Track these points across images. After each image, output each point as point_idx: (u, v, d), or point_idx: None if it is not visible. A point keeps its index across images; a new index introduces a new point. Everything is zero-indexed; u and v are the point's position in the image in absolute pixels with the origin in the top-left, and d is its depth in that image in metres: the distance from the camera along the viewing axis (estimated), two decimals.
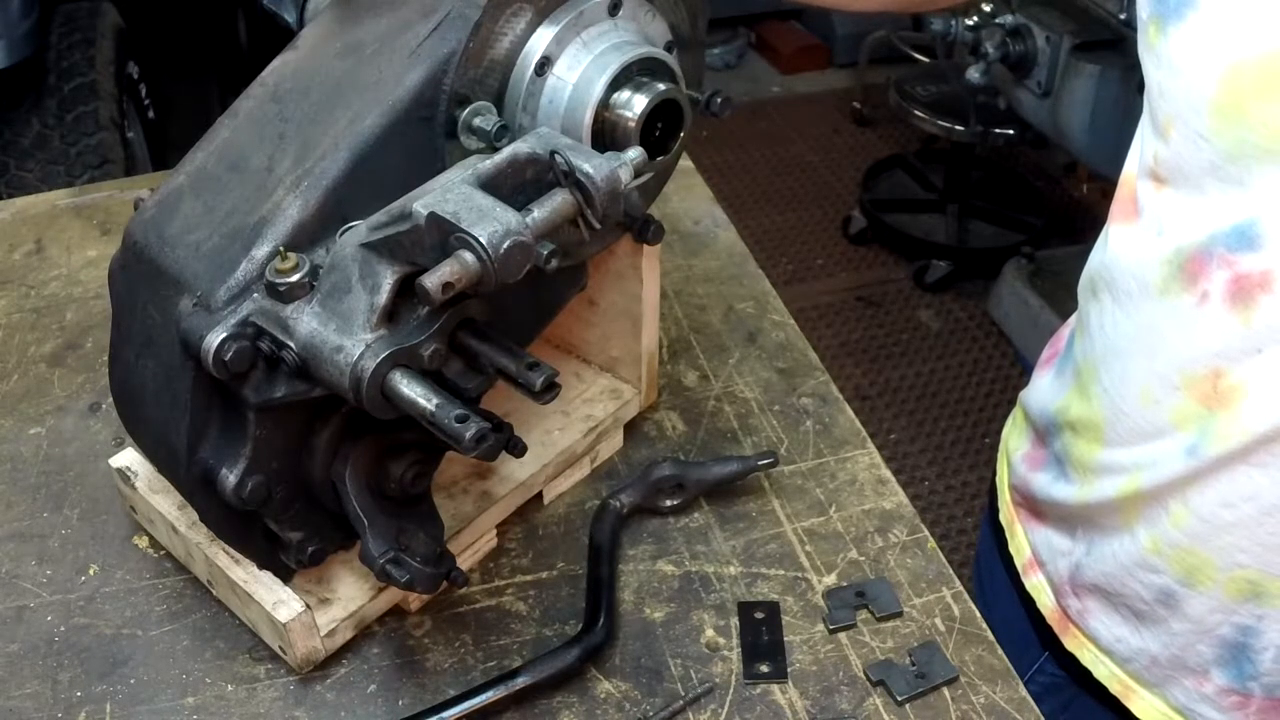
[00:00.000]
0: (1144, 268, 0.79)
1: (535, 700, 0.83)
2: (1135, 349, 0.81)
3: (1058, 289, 2.91)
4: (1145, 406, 0.81)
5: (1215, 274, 0.73)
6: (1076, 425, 0.90)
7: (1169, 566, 0.82)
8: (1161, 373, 0.79)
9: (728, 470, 0.97)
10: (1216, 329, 0.74)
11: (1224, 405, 0.75)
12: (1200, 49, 0.71)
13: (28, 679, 0.85)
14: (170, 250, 0.76)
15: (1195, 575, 0.81)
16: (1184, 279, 0.76)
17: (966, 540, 2.50)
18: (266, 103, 0.81)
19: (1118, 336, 0.83)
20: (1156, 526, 0.82)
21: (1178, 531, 0.81)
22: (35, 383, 1.11)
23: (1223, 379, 0.74)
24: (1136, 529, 0.84)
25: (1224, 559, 0.79)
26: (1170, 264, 0.76)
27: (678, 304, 1.20)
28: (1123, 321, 0.83)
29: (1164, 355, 0.78)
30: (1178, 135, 0.74)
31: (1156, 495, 0.81)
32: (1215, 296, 0.74)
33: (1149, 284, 0.79)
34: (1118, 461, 0.85)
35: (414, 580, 0.78)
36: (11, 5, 2.26)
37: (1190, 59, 0.72)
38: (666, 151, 0.85)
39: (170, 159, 2.84)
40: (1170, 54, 0.74)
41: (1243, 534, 0.77)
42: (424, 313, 0.70)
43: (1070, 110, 2.48)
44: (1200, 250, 0.74)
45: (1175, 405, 0.78)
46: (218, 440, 0.76)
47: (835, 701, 0.83)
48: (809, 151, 3.85)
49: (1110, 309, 0.84)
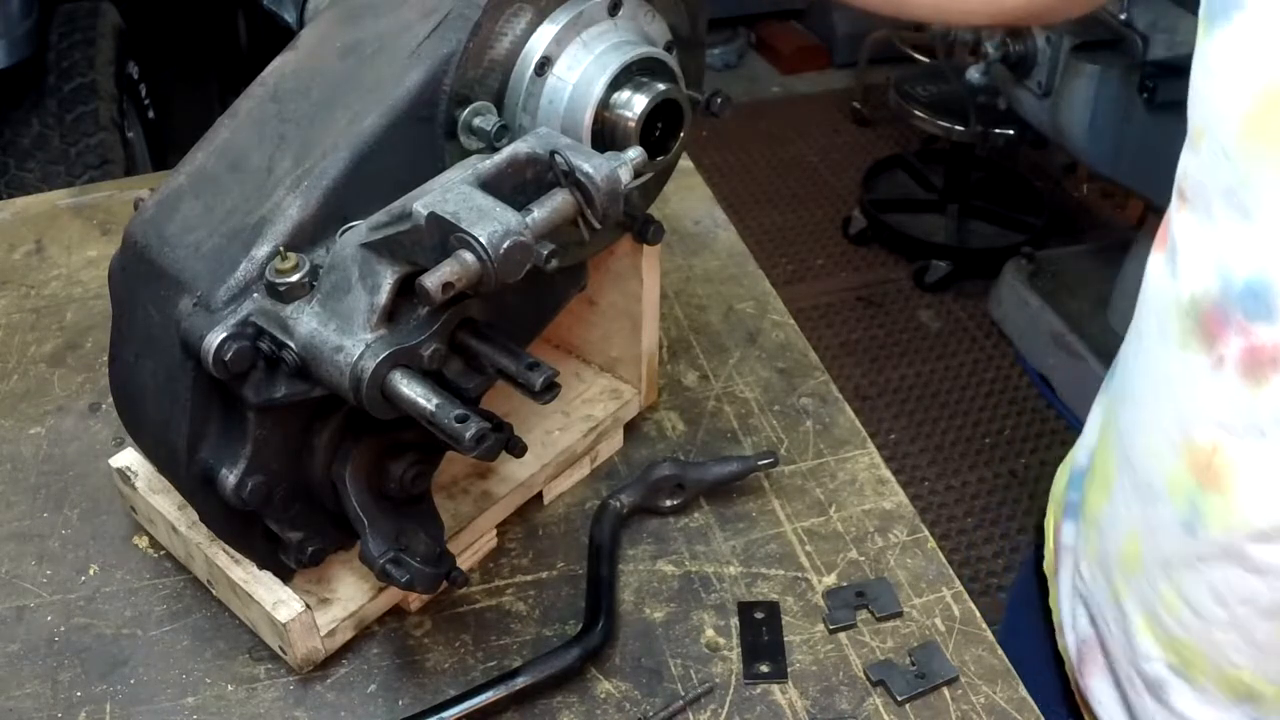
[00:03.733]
0: (1166, 313, 0.75)
1: (535, 700, 0.83)
2: (1149, 397, 0.77)
3: (1058, 289, 2.91)
4: (1149, 461, 0.76)
5: (1232, 340, 0.69)
6: (1097, 469, 0.85)
7: (1161, 653, 0.79)
8: (1167, 429, 0.74)
9: (728, 470, 0.97)
10: (1225, 398, 0.70)
11: (1215, 485, 0.71)
12: (1242, 56, 0.66)
13: (28, 679, 0.85)
14: (170, 250, 0.76)
15: (1189, 667, 0.77)
16: (1202, 337, 0.71)
17: (966, 540, 2.50)
18: (266, 103, 0.81)
19: (1138, 378, 0.79)
20: (1149, 607, 0.78)
21: (1170, 618, 0.76)
22: (35, 383, 1.11)
23: (1219, 454, 0.70)
24: (1126, 604, 0.80)
25: (1217, 655, 0.75)
26: (1189, 317, 0.72)
27: (678, 304, 1.20)
28: (1144, 363, 0.79)
29: (1173, 411, 0.74)
30: (1206, 148, 0.70)
31: (1151, 570, 0.77)
32: (1230, 363, 0.69)
33: (1169, 333, 0.74)
34: (1119, 516, 0.80)
35: (414, 580, 0.78)
36: (11, 5, 2.26)
37: (1230, 65, 0.67)
38: (666, 151, 0.85)
39: (170, 159, 2.84)
40: (1211, 57, 0.69)
41: (1237, 634, 0.73)
42: (424, 313, 0.70)
43: (1070, 110, 2.48)
44: (1217, 309, 0.70)
45: (1172, 469, 0.74)
46: (218, 440, 0.76)
47: (835, 701, 0.83)
48: (809, 151, 3.85)
49: (1135, 345, 0.80)
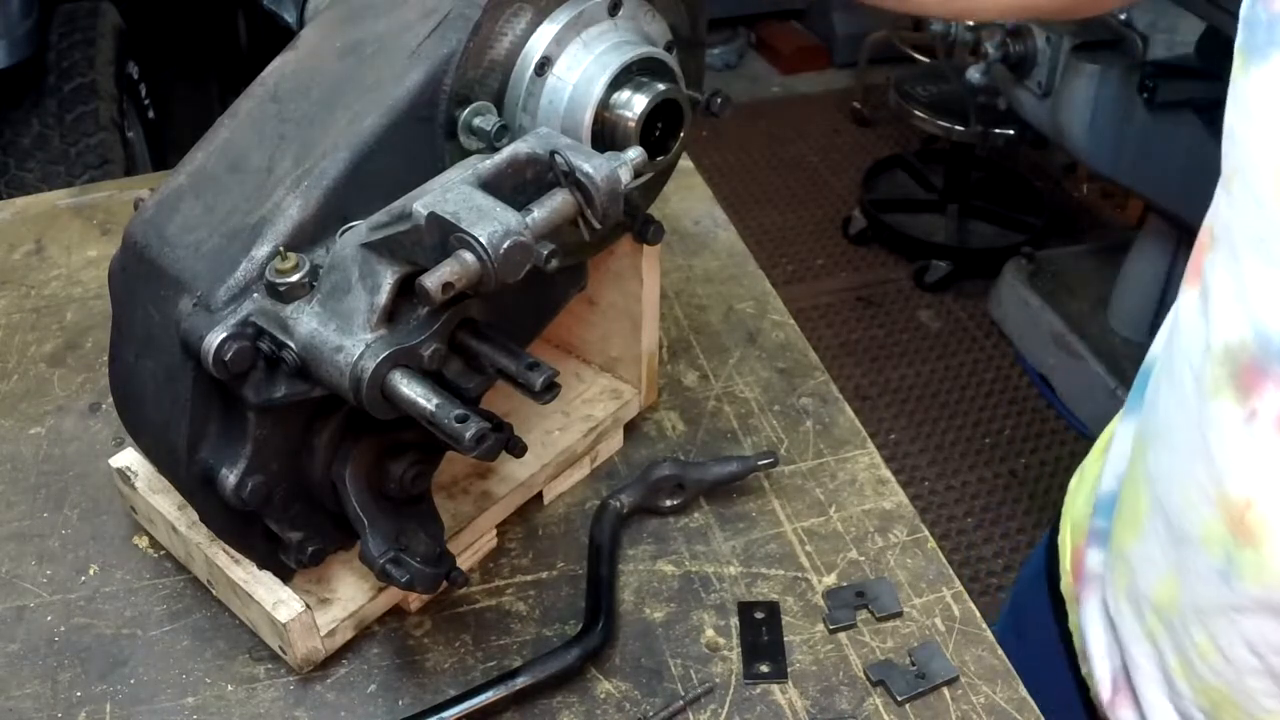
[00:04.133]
0: (1199, 358, 0.72)
1: (535, 700, 0.83)
2: (1181, 443, 0.74)
3: (1058, 289, 2.92)
4: (1183, 509, 0.74)
5: (1269, 394, 0.66)
6: (1124, 505, 0.83)
7: (1193, 695, 0.77)
8: (1200, 480, 0.72)
9: (728, 470, 0.97)
10: (1260, 454, 0.67)
11: (1249, 540, 0.68)
12: (1278, 98, 0.63)
13: (28, 679, 0.85)
14: (170, 250, 0.76)
15: (1219, 710, 0.76)
16: (1236, 389, 0.68)
17: (966, 540, 2.50)
18: (266, 103, 0.81)
19: (1170, 421, 0.76)
20: (1182, 650, 0.76)
21: (1202, 663, 0.75)
22: (35, 383, 1.11)
23: (1252, 510, 0.68)
24: (1161, 644, 0.78)
25: (1249, 702, 0.74)
26: (1222, 366, 0.69)
27: (678, 304, 1.20)
28: (1175, 406, 0.75)
29: (1205, 461, 0.71)
30: (1239, 191, 0.66)
31: (1185, 615, 0.75)
32: (1265, 418, 0.66)
33: (1202, 380, 0.71)
34: (1152, 558, 0.78)
35: (414, 580, 0.78)
36: (11, 5, 2.26)
37: (1267, 107, 0.63)
38: (666, 151, 0.85)
39: (170, 159, 2.84)
40: (1249, 95, 0.65)
41: (1271, 682, 0.72)
42: (424, 313, 0.70)
43: (1070, 110, 2.48)
44: (1255, 363, 0.67)
45: (1207, 520, 0.71)
46: (218, 440, 0.76)
47: (835, 701, 0.83)
48: (809, 151, 3.85)
49: (1166, 387, 0.77)
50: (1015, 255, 3.02)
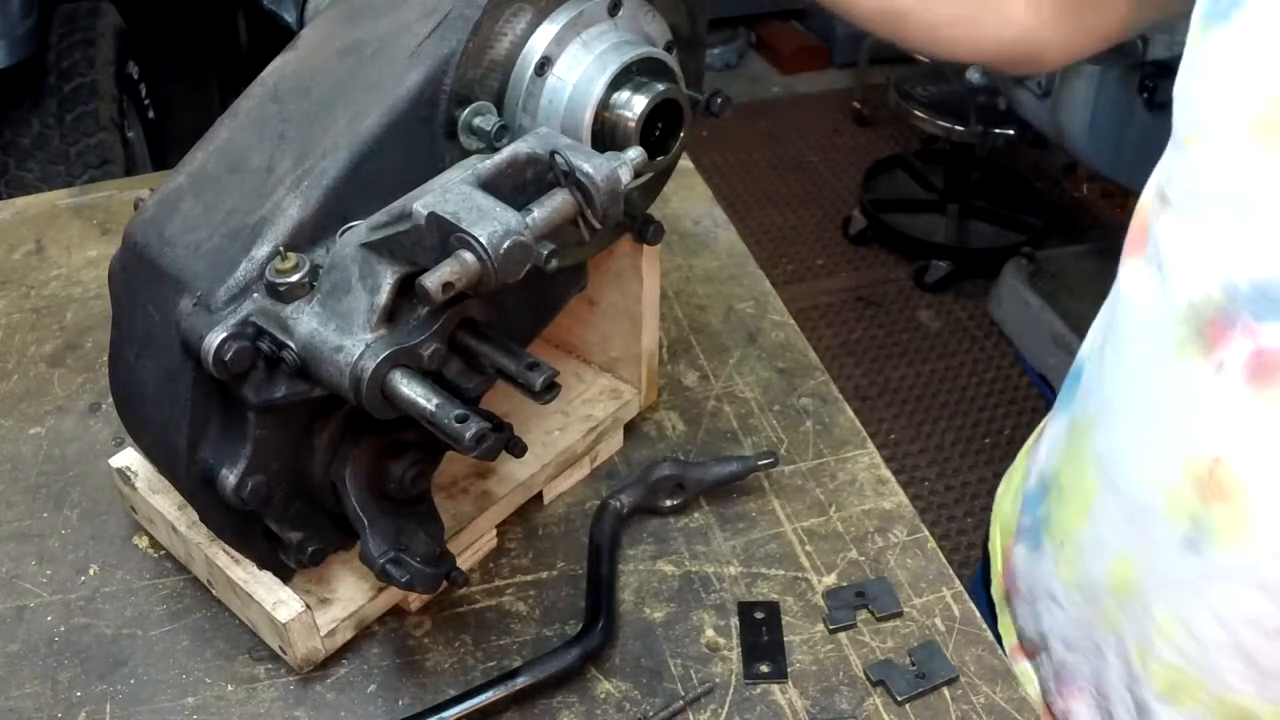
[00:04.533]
0: (1157, 324, 0.71)
1: (535, 700, 0.83)
2: (1136, 414, 0.73)
3: (1058, 289, 2.91)
4: (1140, 482, 0.73)
5: (1236, 343, 0.65)
6: (1065, 490, 0.82)
7: (1149, 678, 0.75)
8: (1162, 446, 0.71)
9: (728, 470, 0.97)
10: (1227, 407, 0.66)
11: (1220, 496, 0.67)
12: (1245, 59, 0.64)
13: (28, 679, 0.85)
14: (170, 250, 0.76)
15: (1177, 694, 0.74)
16: (1201, 345, 0.68)
17: (967, 540, 2.50)
18: (266, 103, 0.81)
19: (1118, 395, 0.75)
20: (1143, 633, 0.75)
21: (1164, 643, 0.73)
22: (35, 383, 1.11)
23: (1221, 467, 0.67)
24: (1120, 628, 0.77)
25: (1215, 682, 0.72)
26: (1187, 325, 0.68)
27: (678, 304, 1.20)
28: (1126, 380, 0.75)
29: (1168, 426, 0.70)
30: (1198, 151, 0.67)
31: (1146, 594, 0.74)
32: (1232, 369, 0.66)
33: (1162, 344, 0.70)
34: (1104, 539, 0.77)
35: (414, 580, 0.78)
36: (11, 5, 2.26)
37: (1232, 69, 0.64)
38: (666, 151, 0.85)
39: (170, 159, 2.84)
40: (1208, 59, 0.66)
41: (1238, 658, 0.70)
42: (424, 313, 0.70)
43: (1070, 110, 2.48)
44: (1221, 314, 0.66)
45: (1170, 487, 0.70)
46: (218, 440, 0.76)
47: (835, 701, 0.83)
48: (809, 151, 3.85)
49: (1113, 361, 0.76)
50: (1015, 255, 3.01)
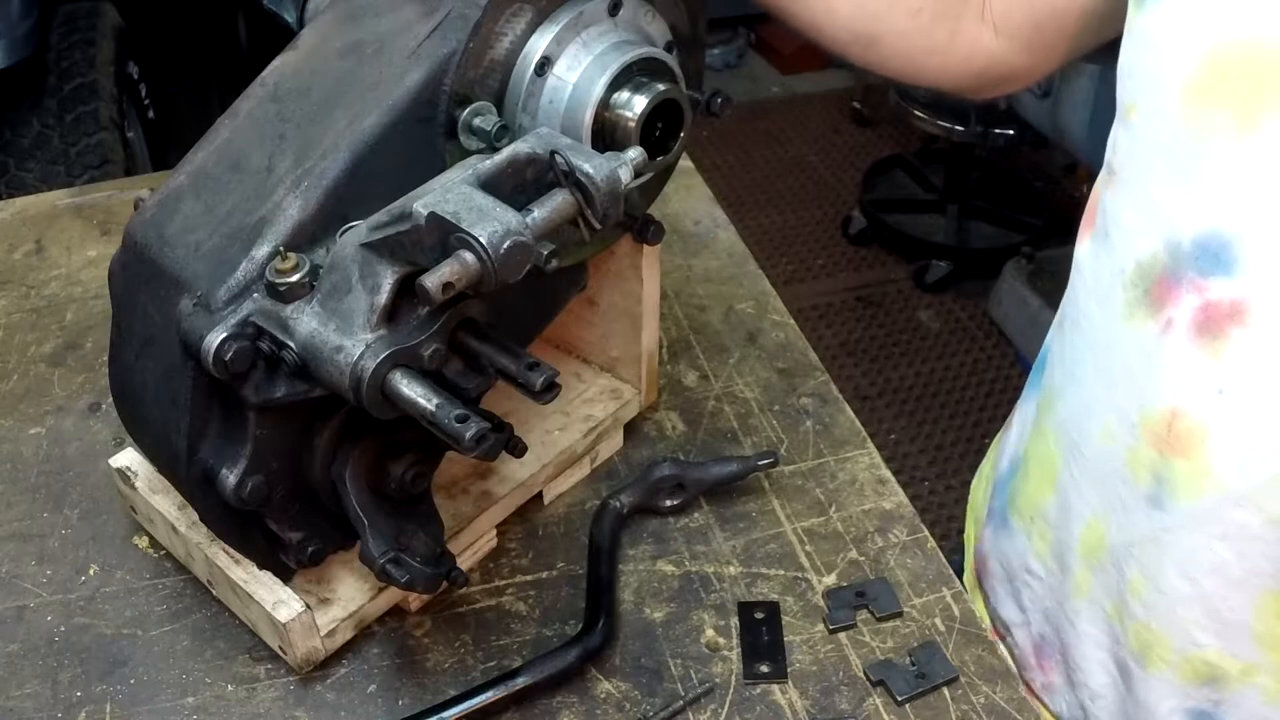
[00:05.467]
0: (1105, 291, 0.73)
1: (535, 700, 0.83)
2: (1094, 379, 0.75)
3: (1058, 289, 2.88)
4: (1102, 443, 0.74)
5: (1184, 299, 0.67)
6: (1031, 465, 0.84)
7: (1126, 637, 0.77)
8: (1119, 406, 0.72)
9: (728, 470, 0.97)
10: (1178, 362, 0.68)
11: (1180, 450, 0.69)
12: (1179, 26, 0.67)
13: (28, 679, 0.85)
14: (170, 250, 0.76)
15: (1148, 654, 0.75)
16: (1149, 305, 0.70)
17: None
18: (266, 103, 0.81)
19: (1077, 364, 0.77)
20: (1115, 593, 0.76)
21: (1135, 601, 0.74)
22: (35, 383, 1.11)
23: (1179, 420, 0.68)
24: (1093, 593, 0.78)
25: (1181, 638, 0.73)
26: (1135, 287, 0.71)
27: (678, 304, 1.20)
28: (1083, 348, 0.77)
29: (1124, 388, 0.72)
30: (1138, 118, 0.69)
31: (1115, 553, 0.75)
32: (1180, 325, 0.68)
33: (1112, 308, 0.73)
34: (1071, 506, 0.78)
35: (414, 580, 0.78)
36: (11, 5, 2.26)
37: (1167, 36, 0.68)
38: (667, 151, 0.85)
39: (170, 159, 2.84)
40: (1146, 30, 0.69)
41: (1202, 610, 0.71)
42: (424, 313, 0.70)
43: (1070, 110, 2.48)
44: (1167, 273, 0.68)
45: (1130, 446, 0.72)
46: (218, 440, 0.76)
47: (835, 701, 0.83)
48: (809, 151, 3.84)
49: (1071, 333, 0.79)
50: (1015, 255, 3.01)
